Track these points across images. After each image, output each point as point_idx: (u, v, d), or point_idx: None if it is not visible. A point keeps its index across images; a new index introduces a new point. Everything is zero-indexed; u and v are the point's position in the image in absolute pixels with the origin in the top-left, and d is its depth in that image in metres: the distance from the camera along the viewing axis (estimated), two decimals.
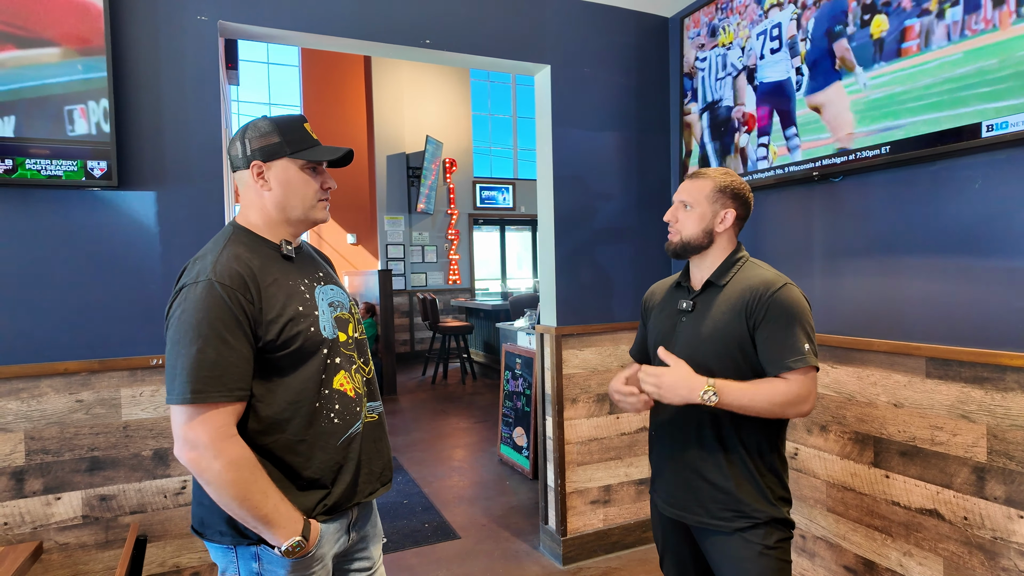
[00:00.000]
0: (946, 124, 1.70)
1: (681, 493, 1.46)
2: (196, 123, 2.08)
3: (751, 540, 1.38)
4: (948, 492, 1.79)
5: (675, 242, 1.49)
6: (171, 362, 1.10)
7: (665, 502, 1.51)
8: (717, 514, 1.40)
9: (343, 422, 1.23)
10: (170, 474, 2.05)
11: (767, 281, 1.39)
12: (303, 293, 1.23)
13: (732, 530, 1.39)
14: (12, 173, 1.80)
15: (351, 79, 9.25)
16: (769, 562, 1.38)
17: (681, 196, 1.49)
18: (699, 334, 1.43)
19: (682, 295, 1.53)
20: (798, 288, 1.41)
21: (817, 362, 1.36)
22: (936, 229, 1.82)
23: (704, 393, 1.29)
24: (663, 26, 2.88)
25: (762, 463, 1.42)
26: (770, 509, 1.40)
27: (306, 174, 1.24)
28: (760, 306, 1.36)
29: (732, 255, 1.48)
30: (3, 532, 1.86)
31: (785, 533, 1.42)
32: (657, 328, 1.56)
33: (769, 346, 1.36)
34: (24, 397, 1.88)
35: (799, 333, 1.34)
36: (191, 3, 2.07)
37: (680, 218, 1.48)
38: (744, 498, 1.39)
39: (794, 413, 1.34)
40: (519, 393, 4.11)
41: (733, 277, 1.45)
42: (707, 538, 1.44)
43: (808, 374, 1.34)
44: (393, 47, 2.41)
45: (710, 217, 1.45)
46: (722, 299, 1.43)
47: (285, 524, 1.11)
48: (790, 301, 1.36)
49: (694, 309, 1.47)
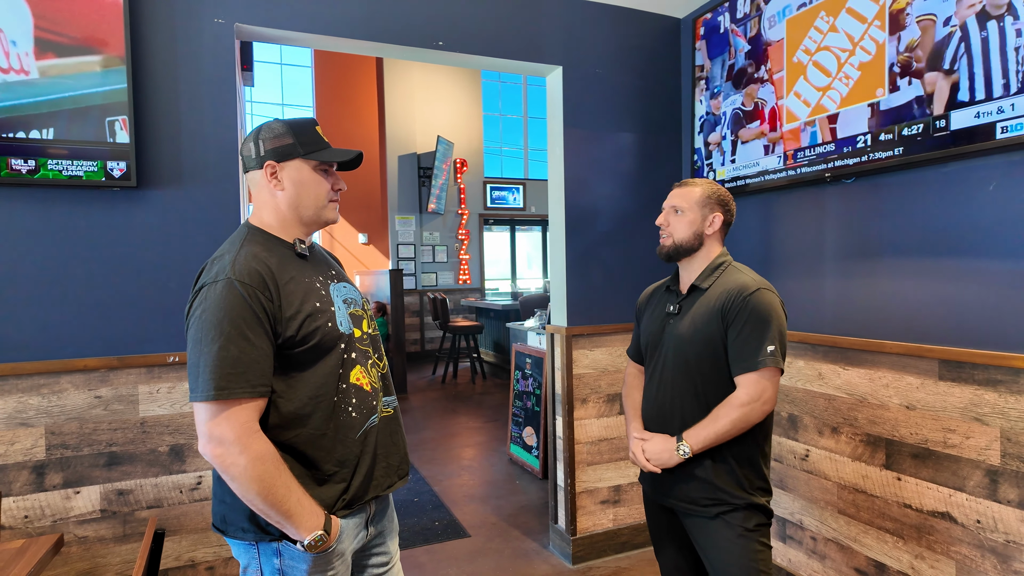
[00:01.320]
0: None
1: (666, 479, 1.56)
2: (213, 124, 2.11)
3: (731, 523, 1.49)
4: (961, 495, 1.78)
5: (667, 245, 1.60)
6: (193, 360, 1.12)
7: (653, 489, 1.62)
8: (699, 500, 1.51)
9: (360, 416, 1.25)
10: (186, 470, 2.09)
11: (743, 285, 1.49)
12: (319, 290, 1.25)
13: (713, 515, 1.50)
14: (35, 173, 1.84)
15: (363, 80, 9.31)
16: (749, 543, 1.48)
17: (672, 202, 1.60)
18: (683, 336, 1.54)
19: (671, 299, 1.64)
20: (774, 293, 1.51)
21: (781, 364, 1.45)
22: (950, 231, 1.81)
23: (679, 450, 1.48)
24: (675, 27, 2.88)
25: (742, 456, 1.51)
26: (747, 496, 1.50)
27: (318, 175, 1.27)
28: (733, 308, 1.47)
29: (716, 259, 1.58)
30: (24, 525, 1.90)
31: (763, 519, 1.52)
32: (648, 330, 1.67)
33: (736, 347, 1.47)
34: (45, 393, 1.92)
35: (765, 336, 1.44)
36: (208, 6, 2.10)
37: (672, 222, 1.59)
38: (722, 486, 1.49)
39: (757, 417, 1.45)
40: (529, 393, 4.12)
41: (715, 281, 1.55)
42: (691, 522, 1.55)
43: (765, 374, 1.44)
44: (406, 49, 2.43)
45: (700, 221, 1.57)
46: (703, 301, 1.54)
47: (307, 519, 1.13)
48: (762, 305, 1.46)
49: (679, 312, 1.58)
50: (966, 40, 1.68)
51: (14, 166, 1.82)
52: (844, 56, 2.03)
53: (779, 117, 2.29)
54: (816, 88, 2.14)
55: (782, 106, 2.27)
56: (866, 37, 1.96)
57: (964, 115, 1.70)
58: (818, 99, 2.13)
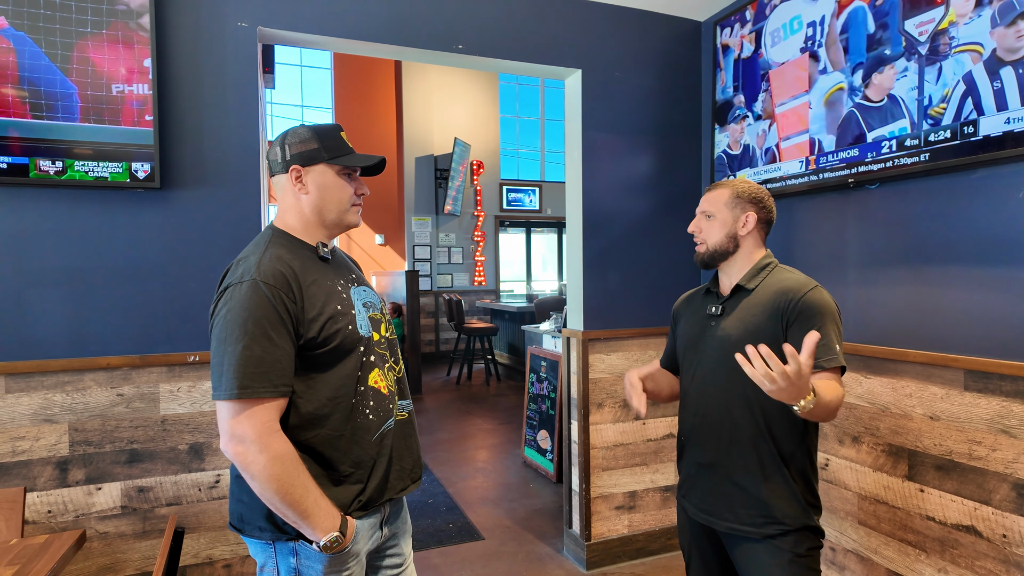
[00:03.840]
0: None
1: (712, 499, 1.46)
2: (235, 127, 2.14)
3: (781, 547, 1.38)
4: (986, 508, 1.74)
5: (702, 252, 1.52)
6: (217, 359, 1.13)
7: (696, 507, 1.51)
8: (748, 520, 1.40)
9: (377, 418, 1.26)
10: (204, 468, 2.11)
11: (799, 283, 1.42)
12: (340, 293, 1.27)
13: (762, 536, 1.39)
14: (62, 174, 1.88)
15: (382, 81, 9.37)
16: (799, 570, 1.37)
17: (702, 207, 1.53)
18: (730, 337, 1.44)
19: (711, 301, 1.55)
20: (826, 291, 1.43)
21: (844, 363, 1.38)
22: (977, 239, 1.78)
23: (806, 400, 1.19)
24: (696, 30, 2.86)
25: (795, 469, 1.41)
26: (802, 516, 1.39)
27: (342, 179, 1.28)
28: (793, 308, 1.38)
29: (761, 260, 1.50)
30: (47, 519, 1.93)
31: (815, 541, 1.41)
32: (686, 333, 1.59)
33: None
34: (69, 390, 1.96)
35: (831, 333, 1.37)
36: (232, 10, 2.13)
37: (704, 228, 1.52)
38: (776, 503, 1.38)
39: (833, 414, 1.34)
40: (544, 396, 4.11)
41: (763, 281, 1.47)
42: (737, 545, 1.44)
43: (837, 375, 1.36)
44: (427, 52, 2.44)
45: (731, 222, 1.49)
46: (752, 302, 1.45)
47: (324, 519, 1.14)
48: (822, 302, 1.39)
49: (723, 313, 1.49)
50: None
51: (42, 167, 1.86)
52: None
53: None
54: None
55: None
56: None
57: (993, 121, 1.66)
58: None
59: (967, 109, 1.72)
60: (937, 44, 1.80)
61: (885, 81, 1.95)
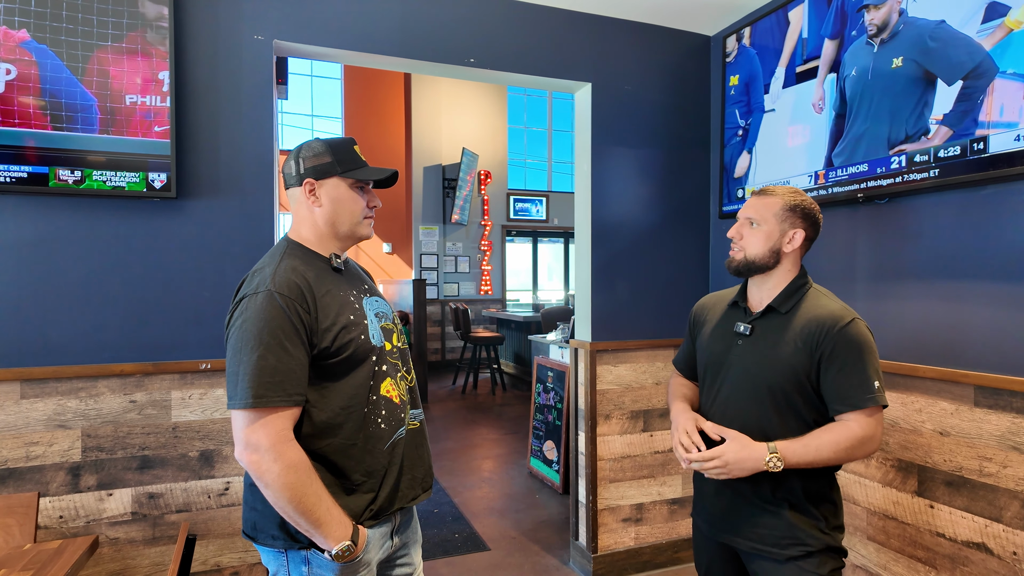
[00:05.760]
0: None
1: (732, 517, 1.42)
2: (250, 138, 2.17)
3: (805, 569, 1.35)
4: (997, 526, 1.73)
5: (738, 259, 1.42)
6: (232, 369, 1.15)
7: (713, 526, 1.47)
8: (770, 540, 1.37)
9: (389, 427, 1.27)
10: (214, 475, 2.12)
11: (835, 315, 1.34)
12: (353, 303, 1.28)
13: (785, 558, 1.36)
14: (81, 184, 1.91)
15: (391, 92, 9.45)
16: None
17: (748, 213, 1.42)
18: (759, 362, 1.38)
19: (739, 316, 1.47)
20: (864, 322, 1.36)
21: (886, 400, 1.33)
22: (988, 255, 1.78)
23: (769, 460, 1.29)
24: (705, 45, 2.88)
25: (815, 491, 1.38)
26: (824, 537, 1.37)
27: (354, 192, 1.30)
28: (828, 340, 1.31)
29: (796, 280, 1.41)
30: (59, 525, 1.95)
31: (838, 562, 1.39)
32: (710, 348, 1.50)
33: (838, 384, 1.31)
34: (82, 396, 1.98)
35: (869, 371, 1.31)
36: (249, 24, 2.16)
37: (745, 235, 1.41)
38: (798, 525, 1.36)
39: (861, 455, 1.32)
40: (550, 407, 4.11)
41: (797, 305, 1.39)
42: (758, 564, 1.41)
43: (875, 415, 1.31)
44: (438, 65, 2.47)
45: (777, 236, 1.39)
46: (784, 327, 1.37)
47: (336, 528, 1.15)
48: (860, 338, 1.32)
49: (752, 333, 1.41)
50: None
51: (61, 176, 1.89)
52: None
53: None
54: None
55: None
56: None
57: (1003, 138, 1.67)
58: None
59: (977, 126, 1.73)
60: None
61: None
